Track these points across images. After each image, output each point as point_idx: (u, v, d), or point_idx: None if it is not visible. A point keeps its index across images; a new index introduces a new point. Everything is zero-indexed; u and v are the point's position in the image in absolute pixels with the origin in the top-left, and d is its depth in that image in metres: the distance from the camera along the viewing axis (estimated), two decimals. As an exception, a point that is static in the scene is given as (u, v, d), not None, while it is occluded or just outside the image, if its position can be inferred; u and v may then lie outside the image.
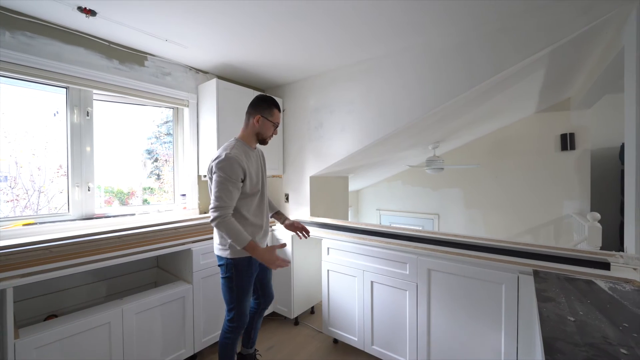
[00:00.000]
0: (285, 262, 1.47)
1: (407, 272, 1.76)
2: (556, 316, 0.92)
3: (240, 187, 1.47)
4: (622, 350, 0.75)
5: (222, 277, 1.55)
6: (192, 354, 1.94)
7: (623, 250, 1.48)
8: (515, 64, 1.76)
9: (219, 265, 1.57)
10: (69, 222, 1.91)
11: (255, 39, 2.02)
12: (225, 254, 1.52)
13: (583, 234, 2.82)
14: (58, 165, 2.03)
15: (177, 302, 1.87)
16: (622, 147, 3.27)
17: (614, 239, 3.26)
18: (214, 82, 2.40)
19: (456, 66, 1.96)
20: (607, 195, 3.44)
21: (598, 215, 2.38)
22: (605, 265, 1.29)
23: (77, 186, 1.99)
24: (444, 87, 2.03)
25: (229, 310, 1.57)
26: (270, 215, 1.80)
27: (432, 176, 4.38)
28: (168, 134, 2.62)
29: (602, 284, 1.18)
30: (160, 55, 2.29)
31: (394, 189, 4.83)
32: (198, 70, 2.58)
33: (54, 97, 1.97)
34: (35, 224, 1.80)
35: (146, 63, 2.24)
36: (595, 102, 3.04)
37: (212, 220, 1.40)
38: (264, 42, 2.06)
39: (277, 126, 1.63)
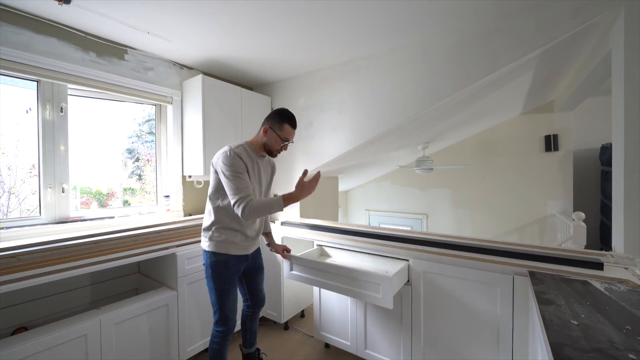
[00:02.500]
0: (315, 179, 1.48)
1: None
2: (559, 320, 0.90)
3: (248, 179, 1.44)
4: (631, 356, 0.73)
5: (205, 278, 1.54)
6: (176, 364, 1.83)
7: (605, 249, 1.50)
8: (509, 64, 1.77)
9: (203, 265, 1.55)
10: (40, 227, 1.77)
11: (243, 33, 1.94)
12: (206, 245, 1.51)
13: (567, 233, 2.89)
14: (31, 165, 1.88)
15: (161, 310, 1.76)
16: (602, 148, 3.38)
17: (594, 238, 3.37)
18: (199, 78, 2.30)
19: (450, 65, 1.95)
20: (587, 196, 3.55)
21: (583, 215, 2.43)
22: (599, 266, 1.30)
23: (50, 187, 1.85)
24: (437, 87, 2.01)
25: (214, 313, 1.52)
26: (262, 232, 1.78)
27: (420, 177, 4.41)
28: (150, 133, 2.49)
29: (597, 284, 1.18)
30: (142, 49, 2.17)
31: (382, 190, 4.83)
32: (182, 66, 2.47)
33: (26, 93, 1.82)
34: (2, 229, 1.65)
35: (126, 57, 2.12)
36: (578, 104, 3.13)
37: (242, 215, 1.34)
38: (253, 37, 1.99)
39: (286, 142, 1.55)
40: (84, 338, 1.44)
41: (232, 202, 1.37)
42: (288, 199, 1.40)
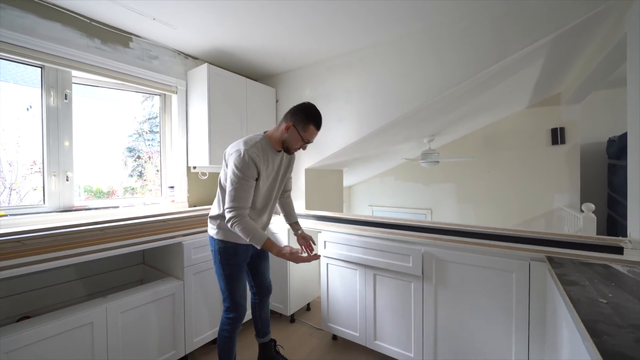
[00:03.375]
0: (311, 257, 1.42)
1: (411, 265, 1.69)
2: (587, 299, 0.87)
3: (253, 186, 1.41)
4: (668, 331, 0.69)
5: (214, 264, 1.52)
6: (182, 355, 1.80)
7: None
8: (520, 50, 1.73)
9: (211, 251, 1.53)
10: (44, 215, 1.74)
11: (248, 20, 1.91)
12: (214, 232, 1.50)
13: (575, 226, 2.86)
14: (32, 161, 1.85)
15: (167, 300, 1.72)
16: (609, 141, 3.35)
17: (602, 232, 3.34)
18: (204, 67, 2.27)
19: (459, 53, 1.92)
20: (594, 189, 3.52)
21: (592, 206, 2.40)
22: (619, 250, 1.27)
23: (54, 175, 1.82)
24: (445, 76, 1.98)
25: (224, 300, 1.51)
26: (288, 222, 1.79)
27: (424, 171, 4.38)
28: (151, 132, 2.46)
29: (619, 267, 1.15)
30: (147, 37, 2.14)
31: (386, 185, 4.80)
32: (187, 56, 2.44)
33: (27, 91, 1.79)
34: (6, 215, 1.62)
35: (131, 44, 2.09)
36: (586, 96, 3.10)
37: (227, 221, 1.35)
38: (258, 24, 1.96)
39: (307, 142, 1.46)
40: (90, 326, 1.40)
41: (226, 205, 1.36)
42: (269, 246, 1.36)
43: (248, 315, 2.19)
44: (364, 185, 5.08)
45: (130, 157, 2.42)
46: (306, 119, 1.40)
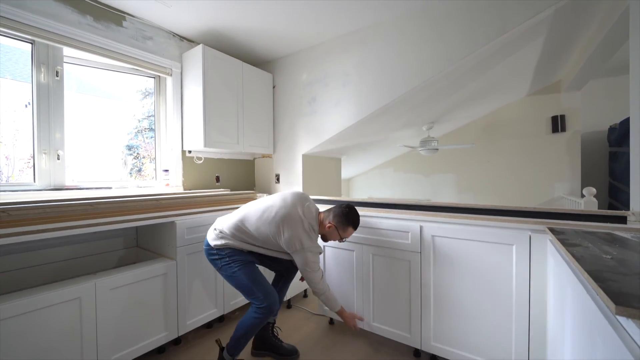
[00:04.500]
0: (357, 323, 1.74)
1: (410, 242, 1.65)
2: (590, 256, 0.83)
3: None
4: (678, 278, 0.66)
5: (225, 272, 1.53)
6: (175, 337, 1.76)
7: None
8: (520, 24, 1.70)
9: (213, 260, 1.56)
10: (34, 192, 1.70)
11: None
12: (213, 241, 1.54)
13: (576, 212, 2.82)
14: (29, 156, 1.82)
15: (159, 280, 1.68)
16: (610, 129, 3.32)
17: (602, 220, 3.29)
18: (200, 48, 2.24)
19: (457, 29, 1.88)
20: (595, 178, 3.48)
21: (594, 190, 2.36)
22: (622, 219, 1.23)
23: (45, 153, 1.78)
24: (445, 53, 1.95)
25: (252, 297, 1.51)
26: None
27: (423, 162, 4.34)
28: (150, 129, 2.43)
29: (622, 234, 1.11)
30: (141, 16, 2.11)
31: (385, 177, 4.76)
32: (182, 38, 2.41)
33: (25, 88, 1.77)
34: (-6, 192, 1.58)
35: (124, 23, 2.05)
36: (585, 83, 3.07)
37: (321, 292, 1.59)
38: (256, 4, 1.93)
39: (343, 239, 1.61)
40: (77, 301, 1.36)
41: (314, 280, 1.53)
42: (341, 312, 1.69)
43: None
44: (363, 177, 5.04)
45: (130, 154, 2.41)
46: (346, 221, 1.56)
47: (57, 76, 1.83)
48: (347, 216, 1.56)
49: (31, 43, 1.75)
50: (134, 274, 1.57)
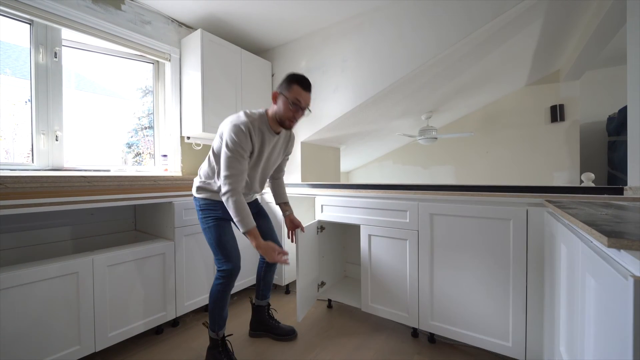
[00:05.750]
0: (284, 260, 1.41)
1: (408, 220, 1.65)
2: (587, 214, 0.83)
3: (247, 158, 1.38)
4: (672, 224, 0.66)
5: (201, 225, 1.49)
6: (173, 317, 1.76)
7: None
8: (515, 6, 1.70)
9: (197, 211, 1.52)
10: (32, 172, 1.70)
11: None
12: (195, 191, 1.51)
13: (575, 200, 2.81)
14: (28, 150, 1.82)
15: (157, 259, 1.69)
16: (609, 119, 3.32)
17: (601, 210, 3.29)
18: (198, 33, 2.24)
19: (453, 12, 1.89)
20: (594, 168, 3.48)
21: (592, 176, 2.35)
22: (619, 190, 1.23)
23: (43, 134, 1.78)
24: (440, 36, 1.95)
25: (215, 255, 1.47)
26: (276, 202, 1.76)
27: (423, 154, 4.34)
28: (150, 127, 2.43)
29: (620, 202, 1.11)
30: (140, 0, 2.11)
31: (384, 169, 4.76)
32: (181, 24, 2.41)
33: (25, 84, 1.77)
34: (-9, 170, 1.58)
35: (123, 7, 2.06)
36: (584, 72, 3.07)
37: (222, 194, 1.33)
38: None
39: (297, 105, 1.36)
40: (75, 276, 1.37)
41: (222, 174, 1.34)
42: (252, 236, 1.34)
43: (246, 282, 2.17)
44: (362, 170, 5.04)
45: (130, 152, 2.41)
46: (288, 80, 1.38)
47: (56, 57, 1.83)
48: (287, 76, 1.38)
49: (29, 24, 1.75)
50: (132, 251, 1.57)
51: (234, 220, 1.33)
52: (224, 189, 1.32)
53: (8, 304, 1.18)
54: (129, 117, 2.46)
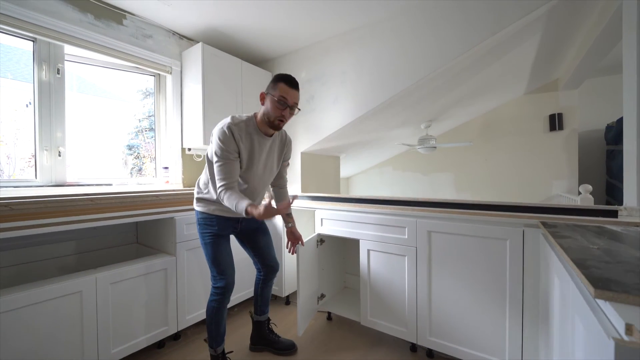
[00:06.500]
0: (285, 205, 1.27)
1: (406, 237, 1.67)
2: (578, 246, 0.85)
3: (237, 160, 1.37)
4: (659, 265, 0.68)
5: (200, 239, 1.53)
6: (175, 331, 1.78)
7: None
8: (515, 21, 1.72)
9: (197, 224, 1.55)
10: (36, 188, 1.73)
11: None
12: (195, 203, 1.54)
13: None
14: (30, 155, 1.85)
15: (159, 275, 1.71)
16: (607, 127, 3.34)
17: (600, 218, 3.31)
18: (199, 46, 2.26)
19: (454, 26, 1.90)
20: (592, 176, 3.50)
21: (590, 187, 2.38)
22: (613, 213, 1.25)
23: (46, 150, 1.81)
24: (440, 51, 1.97)
25: (211, 270, 1.50)
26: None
27: (422, 161, 4.36)
28: (151, 129, 2.45)
29: (612, 227, 1.13)
30: (141, 15, 2.13)
31: (384, 175, 4.78)
32: (182, 36, 2.43)
33: (26, 87, 1.79)
34: (-3, 188, 1.61)
35: (125, 22, 2.08)
36: (583, 81, 3.08)
37: (218, 194, 1.35)
38: (256, 2, 1.94)
39: (284, 104, 1.35)
40: (79, 295, 1.39)
41: (217, 185, 1.34)
42: (249, 213, 1.23)
43: (246, 294, 2.19)
44: (362, 176, 5.06)
45: (130, 154, 2.43)
46: (274, 80, 1.38)
47: (59, 74, 1.85)
48: (274, 76, 1.39)
49: (33, 41, 1.77)
50: (134, 268, 1.59)
51: (233, 209, 1.29)
52: (219, 190, 1.33)
53: (13, 326, 1.20)
54: (130, 119, 2.46)
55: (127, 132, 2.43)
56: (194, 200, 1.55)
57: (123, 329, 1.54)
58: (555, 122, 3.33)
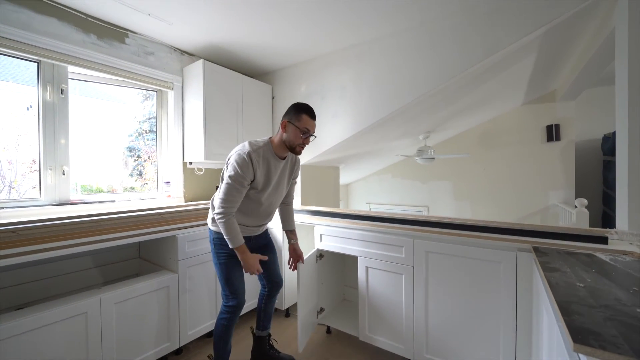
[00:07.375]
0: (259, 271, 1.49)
1: (404, 256, 1.71)
2: (565, 283, 0.89)
3: (246, 187, 1.46)
4: (638, 310, 0.72)
5: (213, 259, 1.58)
6: (177, 347, 1.82)
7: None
8: (511, 44, 1.75)
9: (209, 242, 1.60)
10: (40, 208, 1.76)
11: (247, 16, 1.93)
12: (210, 223, 1.60)
13: (569, 221, 2.87)
14: (31, 160, 1.87)
15: (161, 292, 1.75)
16: (604, 138, 3.37)
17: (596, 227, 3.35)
18: (200, 63, 2.29)
19: (451, 48, 1.94)
20: (589, 186, 3.54)
21: (585, 201, 2.42)
22: (603, 240, 1.28)
23: (50, 169, 1.84)
24: (438, 70, 2.00)
25: (223, 289, 1.56)
26: (284, 229, 1.82)
27: (421, 169, 4.40)
28: (151, 131, 2.48)
29: (602, 256, 1.17)
30: (143, 33, 2.16)
31: (383, 182, 4.82)
32: (183, 52, 2.46)
33: (28, 91, 1.82)
34: (2, 208, 1.64)
35: (127, 40, 2.11)
36: (580, 93, 3.12)
37: (215, 214, 1.43)
38: (256, 19, 1.98)
39: (306, 133, 1.49)
40: (84, 316, 1.43)
41: (218, 202, 1.42)
42: (240, 251, 1.45)
43: (246, 308, 2.23)
44: (361, 183, 5.10)
45: (131, 156, 2.46)
46: (297, 110, 1.49)
47: (62, 94, 1.89)
48: (295, 106, 1.50)
49: (37, 62, 1.81)
50: (137, 287, 1.63)
51: (225, 237, 1.43)
52: (217, 211, 1.41)
53: (18, 351, 1.23)
54: (130, 122, 2.47)
55: (128, 135, 2.44)
56: (209, 220, 1.60)
57: (127, 348, 1.58)
58: (553, 133, 3.37)
